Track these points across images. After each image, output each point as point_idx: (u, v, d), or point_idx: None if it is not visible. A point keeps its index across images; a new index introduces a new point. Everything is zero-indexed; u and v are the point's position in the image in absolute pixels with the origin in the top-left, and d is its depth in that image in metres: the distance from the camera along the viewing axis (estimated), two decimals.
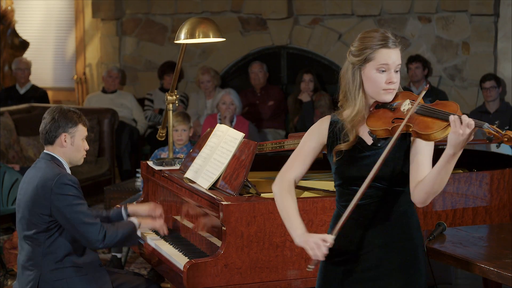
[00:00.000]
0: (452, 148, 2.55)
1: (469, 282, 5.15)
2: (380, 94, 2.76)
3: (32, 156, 7.27)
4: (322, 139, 2.83)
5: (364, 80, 2.76)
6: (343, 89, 2.81)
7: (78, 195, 3.63)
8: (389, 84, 2.75)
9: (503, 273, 3.06)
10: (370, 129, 2.73)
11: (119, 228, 3.72)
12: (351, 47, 2.79)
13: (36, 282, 3.65)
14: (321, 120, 2.86)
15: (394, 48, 2.76)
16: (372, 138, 2.74)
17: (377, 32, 2.76)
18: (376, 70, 2.73)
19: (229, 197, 3.52)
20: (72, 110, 3.78)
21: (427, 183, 2.63)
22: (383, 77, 2.74)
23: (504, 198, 3.98)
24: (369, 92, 2.77)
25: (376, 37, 2.74)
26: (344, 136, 2.77)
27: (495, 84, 7.34)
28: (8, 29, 9.33)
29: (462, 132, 2.53)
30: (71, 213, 3.59)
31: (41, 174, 3.67)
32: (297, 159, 2.86)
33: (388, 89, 2.76)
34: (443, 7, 7.92)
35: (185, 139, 5.63)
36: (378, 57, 2.73)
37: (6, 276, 5.29)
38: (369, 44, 2.73)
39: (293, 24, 8.46)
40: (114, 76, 8.70)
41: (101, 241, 3.63)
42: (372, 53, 2.72)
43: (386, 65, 2.74)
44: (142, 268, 5.68)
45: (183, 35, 4.26)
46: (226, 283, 3.36)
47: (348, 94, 2.77)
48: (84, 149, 3.80)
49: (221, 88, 8.34)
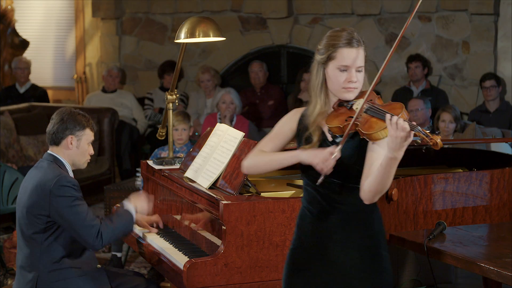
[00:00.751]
0: (390, 151, 2.59)
1: (469, 281, 5.15)
2: (340, 92, 2.81)
3: (32, 155, 7.27)
4: (293, 127, 2.91)
5: (326, 77, 2.82)
6: (309, 84, 2.89)
7: (77, 196, 3.62)
8: (349, 83, 2.79)
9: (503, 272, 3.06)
10: (328, 126, 2.80)
11: (116, 224, 3.70)
12: (318, 45, 2.86)
13: (34, 283, 3.65)
14: (295, 110, 2.95)
15: (356, 48, 2.78)
16: (330, 135, 2.82)
17: (342, 32, 2.81)
18: (337, 69, 2.78)
19: (229, 196, 3.52)
20: (82, 114, 3.78)
21: (372, 182, 2.69)
22: (343, 76, 2.78)
23: (504, 197, 3.98)
24: (331, 90, 2.83)
25: (340, 36, 2.79)
26: (308, 135, 2.83)
27: (495, 84, 7.34)
28: (8, 28, 9.33)
29: (396, 134, 2.56)
30: (70, 215, 3.59)
31: (41, 175, 3.67)
32: (269, 141, 2.94)
33: (348, 87, 2.79)
34: (443, 6, 7.91)
35: (185, 138, 5.63)
36: (339, 56, 2.78)
37: (6, 275, 5.30)
38: (332, 43, 2.79)
39: (293, 24, 8.46)
40: (114, 75, 8.70)
41: (99, 244, 3.62)
42: (334, 52, 2.78)
43: (346, 65, 2.78)
44: (142, 268, 5.69)
45: (183, 34, 4.26)
46: (226, 282, 3.36)
47: (311, 91, 2.85)
48: (89, 154, 3.80)
49: (221, 87, 8.34)
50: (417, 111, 6.65)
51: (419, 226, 3.82)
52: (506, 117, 7.28)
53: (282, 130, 2.94)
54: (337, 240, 2.81)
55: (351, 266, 2.81)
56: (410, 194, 3.80)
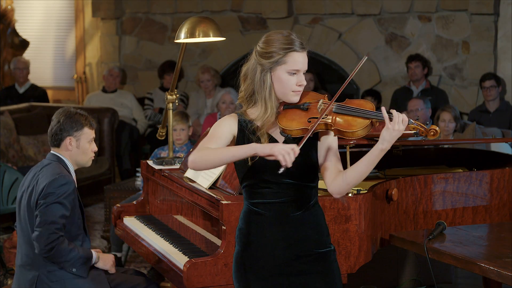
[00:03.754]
0: (386, 143, 2.66)
1: (469, 281, 5.15)
2: (289, 96, 2.80)
3: (32, 155, 7.27)
4: (234, 132, 2.81)
5: (274, 81, 2.78)
6: (247, 88, 2.82)
7: (65, 200, 3.58)
8: (299, 87, 2.80)
9: (503, 272, 3.06)
10: (283, 129, 2.77)
11: (75, 249, 3.63)
12: (258, 47, 2.81)
13: (34, 283, 3.65)
14: (230, 116, 2.85)
15: (303, 51, 2.80)
16: (284, 137, 2.79)
17: (289, 35, 2.80)
18: (287, 73, 2.77)
19: (229, 196, 3.52)
20: (79, 113, 3.77)
21: (352, 175, 2.73)
22: (293, 79, 2.78)
23: (504, 197, 3.98)
24: (278, 93, 2.80)
25: (290, 40, 2.78)
26: (257, 139, 2.78)
27: (495, 83, 7.34)
28: (8, 28, 9.33)
29: (398, 128, 2.63)
30: (44, 208, 3.56)
31: (42, 174, 3.67)
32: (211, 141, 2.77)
33: (297, 91, 2.80)
34: (443, 6, 7.91)
35: (184, 138, 5.63)
36: (289, 60, 2.77)
37: (6, 275, 5.29)
38: (284, 46, 2.76)
39: (293, 23, 8.46)
40: (115, 75, 8.71)
41: (45, 250, 3.55)
42: (283, 57, 2.76)
43: (297, 69, 2.78)
44: (142, 268, 5.69)
45: (183, 34, 4.26)
46: (226, 282, 3.37)
47: (257, 95, 2.79)
48: (92, 151, 3.79)
49: (221, 87, 8.34)
50: (417, 111, 6.65)
51: (419, 226, 3.82)
52: (506, 117, 7.28)
53: (223, 132, 2.80)
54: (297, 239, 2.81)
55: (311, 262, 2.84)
56: (410, 194, 3.80)
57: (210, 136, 2.80)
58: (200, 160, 2.68)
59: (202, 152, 2.69)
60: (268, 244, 2.82)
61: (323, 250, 2.84)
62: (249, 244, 2.85)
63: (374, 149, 2.68)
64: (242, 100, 2.85)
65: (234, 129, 2.81)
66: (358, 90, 8.29)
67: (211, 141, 2.76)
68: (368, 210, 3.49)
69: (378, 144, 2.67)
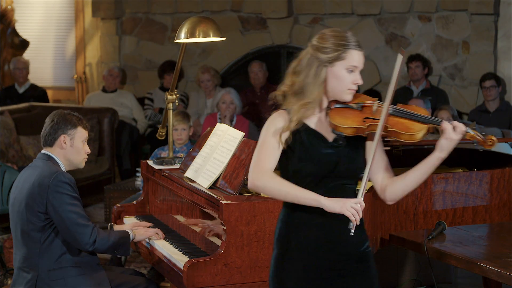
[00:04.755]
0: (444, 152, 2.71)
1: (469, 281, 5.15)
2: (343, 93, 2.78)
3: (32, 155, 7.27)
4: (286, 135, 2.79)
5: (329, 77, 2.76)
6: (297, 82, 2.79)
7: (74, 195, 3.63)
8: (354, 85, 2.79)
9: (503, 272, 3.06)
10: (336, 126, 2.75)
11: (111, 234, 3.71)
12: (315, 42, 2.79)
13: (33, 283, 3.65)
14: (279, 115, 2.81)
15: (362, 51, 2.79)
16: (336, 135, 2.77)
17: (346, 33, 2.78)
18: (346, 70, 2.75)
19: (229, 196, 3.52)
20: (72, 114, 3.79)
21: (408, 183, 2.77)
22: (351, 77, 2.77)
23: (504, 197, 3.98)
24: (331, 90, 2.78)
25: (348, 37, 2.76)
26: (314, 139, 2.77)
27: (495, 83, 7.34)
28: (8, 28, 9.33)
29: (456, 138, 2.68)
30: (65, 212, 3.59)
31: (38, 173, 3.67)
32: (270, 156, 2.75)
33: (353, 89, 2.79)
34: (443, 6, 7.91)
35: (185, 138, 5.63)
36: (349, 57, 2.74)
37: (6, 275, 5.29)
38: (342, 43, 2.74)
39: (293, 23, 8.46)
40: (115, 75, 8.71)
41: (91, 244, 3.61)
42: (344, 53, 2.74)
43: (356, 66, 2.76)
44: (142, 267, 5.68)
45: (183, 34, 4.26)
46: (226, 282, 3.36)
47: (305, 87, 2.77)
48: (85, 152, 3.80)
49: (221, 87, 8.33)
50: None
51: (419, 226, 3.82)
52: (506, 117, 7.28)
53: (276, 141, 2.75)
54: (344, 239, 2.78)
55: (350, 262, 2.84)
56: (410, 194, 3.79)
57: (264, 149, 2.76)
58: (265, 190, 2.73)
59: (267, 183, 2.71)
60: (310, 246, 2.79)
61: (363, 250, 2.83)
62: (289, 246, 2.81)
63: (431, 157, 2.72)
64: (285, 93, 2.82)
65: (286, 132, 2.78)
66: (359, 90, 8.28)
67: (266, 158, 2.74)
68: (368, 210, 3.49)
69: (436, 153, 2.72)
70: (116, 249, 3.73)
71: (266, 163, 2.74)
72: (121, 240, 3.73)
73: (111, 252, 3.74)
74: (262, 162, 2.74)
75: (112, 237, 3.69)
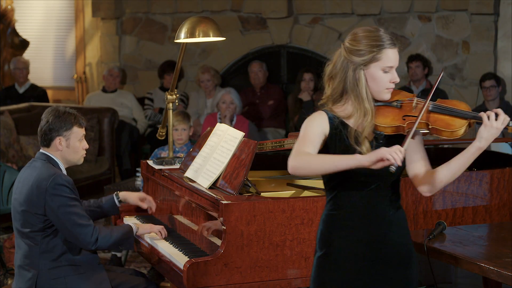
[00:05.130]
0: (484, 141, 2.71)
1: (469, 281, 5.15)
2: (382, 93, 2.77)
3: (32, 155, 7.26)
4: (325, 130, 2.75)
5: (367, 79, 2.74)
6: (336, 88, 2.77)
7: (73, 196, 3.62)
8: (392, 84, 2.77)
9: (503, 272, 3.06)
10: (376, 125, 2.75)
11: (113, 231, 3.71)
12: (347, 44, 2.75)
13: (34, 282, 3.65)
14: (319, 114, 2.78)
15: (395, 48, 2.76)
16: (376, 135, 2.76)
17: (378, 31, 2.74)
18: (382, 70, 2.73)
19: (229, 196, 3.52)
20: (68, 112, 3.76)
21: (445, 173, 2.76)
22: (387, 77, 2.75)
23: (504, 197, 3.98)
24: (370, 90, 2.76)
25: (381, 36, 2.73)
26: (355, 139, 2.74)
27: (495, 83, 7.34)
28: (8, 28, 9.33)
29: (499, 126, 2.72)
30: (65, 214, 3.59)
31: (36, 174, 3.67)
32: (308, 144, 2.72)
33: (391, 88, 2.77)
34: (443, 6, 7.91)
35: (185, 138, 5.63)
36: (384, 57, 2.72)
37: (6, 275, 5.29)
38: (376, 43, 2.71)
39: (293, 23, 8.46)
40: (115, 74, 8.70)
41: (93, 243, 3.62)
42: (377, 54, 2.71)
43: (391, 66, 2.74)
44: (142, 267, 5.69)
45: (183, 34, 4.26)
46: (226, 282, 3.36)
47: (351, 94, 2.75)
48: (83, 149, 3.79)
49: (221, 87, 8.34)
50: None
51: (419, 226, 3.82)
52: None
53: (316, 133, 2.73)
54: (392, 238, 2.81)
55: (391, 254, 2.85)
56: (410, 194, 3.80)
57: (304, 139, 2.72)
58: (303, 167, 2.64)
59: (304, 159, 2.64)
60: (351, 247, 2.77)
61: (405, 253, 2.82)
62: (331, 248, 2.79)
63: (471, 147, 2.71)
64: (328, 100, 2.80)
65: (325, 128, 2.75)
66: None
67: (305, 145, 2.70)
68: None
69: (476, 142, 2.71)
70: (119, 244, 3.75)
71: (304, 148, 2.69)
72: (124, 235, 3.74)
73: (114, 248, 3.76)
74: (301, 148, 2.70)
75: (114, 234, 3.69)
